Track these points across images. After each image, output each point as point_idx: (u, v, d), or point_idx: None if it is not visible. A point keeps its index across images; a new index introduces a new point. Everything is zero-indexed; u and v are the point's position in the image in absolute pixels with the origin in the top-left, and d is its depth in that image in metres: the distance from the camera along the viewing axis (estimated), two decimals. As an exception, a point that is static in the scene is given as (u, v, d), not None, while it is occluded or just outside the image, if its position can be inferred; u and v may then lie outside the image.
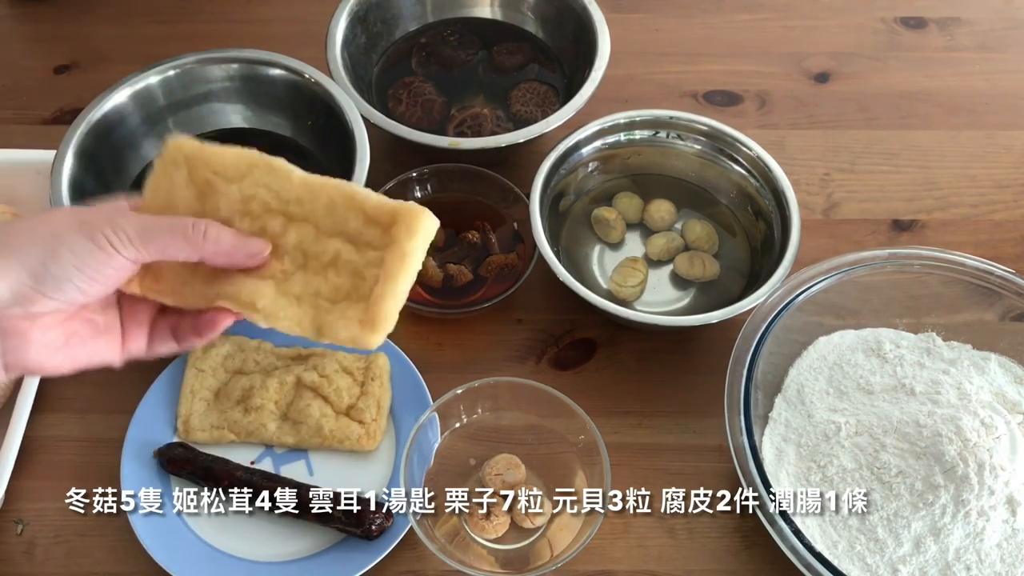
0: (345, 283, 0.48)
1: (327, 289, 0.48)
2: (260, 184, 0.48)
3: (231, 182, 0.48)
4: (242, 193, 0.48)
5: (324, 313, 0.47)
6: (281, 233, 0.48)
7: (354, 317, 0.46)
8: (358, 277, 0.47)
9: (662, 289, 0.80)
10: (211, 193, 0.48)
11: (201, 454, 0.69)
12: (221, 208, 0.48)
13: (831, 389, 0.71)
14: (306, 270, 0.48)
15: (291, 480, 0.68)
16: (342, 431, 0.71)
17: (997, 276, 0.72)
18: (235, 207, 0.48)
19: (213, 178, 0.48)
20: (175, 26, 1.01)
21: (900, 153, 0.91)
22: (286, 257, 0.48)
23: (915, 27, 1.02)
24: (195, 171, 0.48)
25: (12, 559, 0.68)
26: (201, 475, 0.68)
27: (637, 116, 0.83)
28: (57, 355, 0.44)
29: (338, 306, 0.47)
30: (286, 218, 0.48)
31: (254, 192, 0.48)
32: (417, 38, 0.93)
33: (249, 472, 0.68)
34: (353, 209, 0.48)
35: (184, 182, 0.48)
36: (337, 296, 0.48)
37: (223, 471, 0.68)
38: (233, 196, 0.48)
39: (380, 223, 0.47)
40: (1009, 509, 0.63)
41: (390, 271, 0.47)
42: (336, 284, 0.48)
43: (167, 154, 0.49)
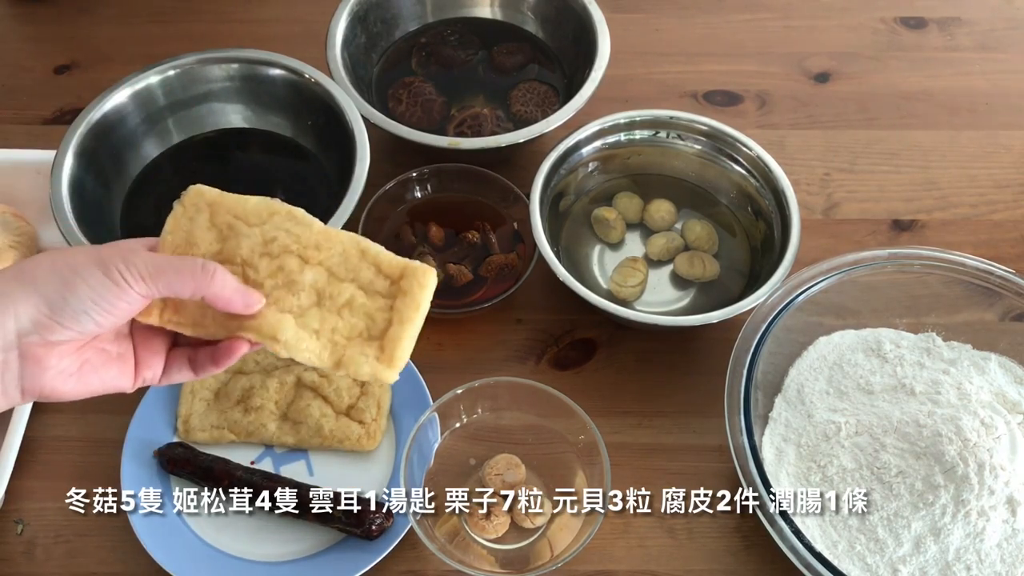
0: (359, 323, 0.52)
1: (344, 327, 0.52)
2: (281, 228, 0.52)
3: (253, 226, 0.52)
4: (263, 236, 0.52)
5: (342, 348, 0.52)
6: (298, 271, 0.52)
7: (371, 354, 0.51)
8: (370, 319, 0.52)
9: (662, 289, 0.80)
10: (233, 236, 0.52)
11: (201, 454, 0.69)
12: (243, 248, 0.52)
13: (831, 389, 0.71)
14: (321, 308, 0.52)
15: (291, 480, 0.68)
16: (342, 431, 0.71)
17: (997, 276, 0.72)
18: (256, 248, 0.52)
19: (235, 222, 0.52)
20: (175, 26, 1.01)
21: (900, 153, 0.91)
22: (302, 293, 0.52)
23: (915, 27, 1.02)
24: (216, 215, 0.52)
25: (12, 559, 0.68)
26: (201, 475, 0.68)
27: (637, 116, 0.83)
28: (70, 381, 0.46)
29: (354, 342, 0.51)
30: (303, 260, 0.52)
31: (275, 235, 0.52)
32: (417, 38, 0.93)
33: (249, 472, 0.68)
34: (366, 261, 0.52)
35: (206, 224, 0.52)
36: (353, 333, 0.52)
37: (223, 471, 0.68)
38: (255, 238, 0.52)
39: (390, 276, 0.52)
40: (1009, 509, 0.63)
41: (405, 316, 0.51)
42: (351, 323, 0.52)
43: (187, 199, 0.52)
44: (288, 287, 0.51)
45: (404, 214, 0.82)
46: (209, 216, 0.52)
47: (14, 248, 0.78)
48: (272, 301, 0.51)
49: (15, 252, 0.78)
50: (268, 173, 0.84)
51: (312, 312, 0.52)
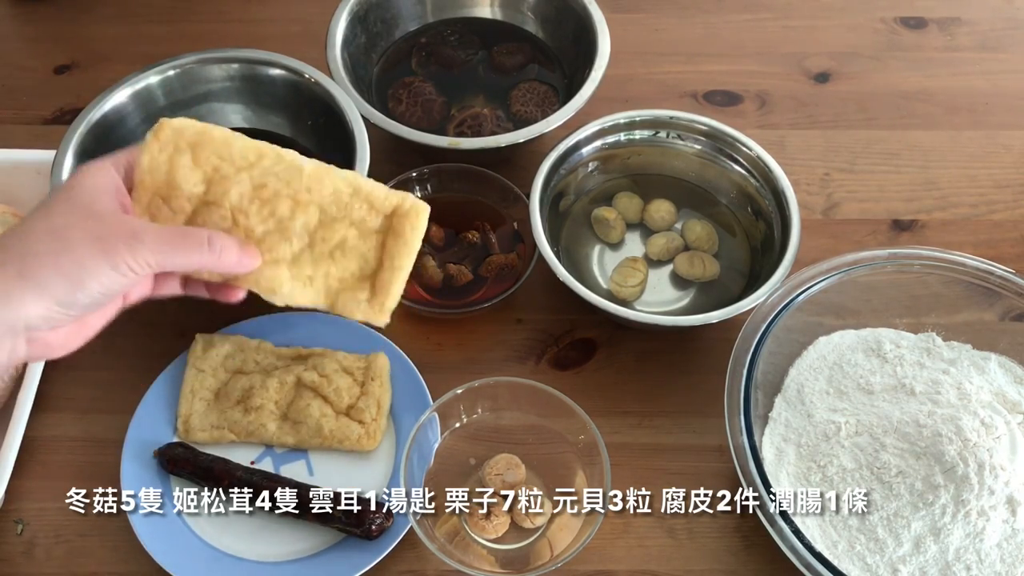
0: (352, 264, 0.53)
1: (336, 269, 0.53)
2: (271, 173, 0.51)
3: (241, 170, 0.50)
4: (253, 182, 0.51)
5: (335, 292, 0.53)
6: (289, 216, 0.51)
7: (363, 298, 0.52)
8: (363, 259, 0.53)
9: (662, 289, 0.80)
10: (219, 179, 0.51)
11: (201, 454, 0.69)
12: (232, 194, 0.51)
13: (831, 389, 0.71)
14: (313, 250, 0.52)
15: (291, 480, 0.68)
16: (342, 431, 0.71)
17: (997, 276, 0.72)
18: (245, 193, 0.51)
19: (221, 164, 0.50)
20: (175, 26, 1.01)
21: (900, 153, 0.91)
22: (295, 238, 0.52)
23: (915, 27, 1.02)
24: (200, 156, 0.50)
25: (12, 559, 0.68)
26: (201, 475, 0.68)
27: (637, 116, 0.83)
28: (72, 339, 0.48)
29: (347, 285, 0.53)
30: (295, 202, 0.51)
31: (265, 181, 0.51)
32: (417, 38, 0.93)
33: (249, 472, 0.68)
34: (358, 198, 0.52)
35: (189, 165, 0.50)
36: (345, 274, 0.53)
37: (223, 471, 0.68)
38: (244, 184, 0.50)
39: (383, 212, 0.53)
40: (1009, 509, 0.63)
41: (396, 262, 0.52)
42: (344, 265, 0.53)
43: (163, 135, 0.50)
44: (280, 232, 0.51)
45: (404, 214, 0.82)
46: (191, 157, 0.50)
47: (14, 248, 0.78)
48: (266, 248, 0.51)
49: (15, 252, 0.78)
50: (268, 173, 0.84)
51: (305, 256, 0.52)
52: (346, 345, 0.74)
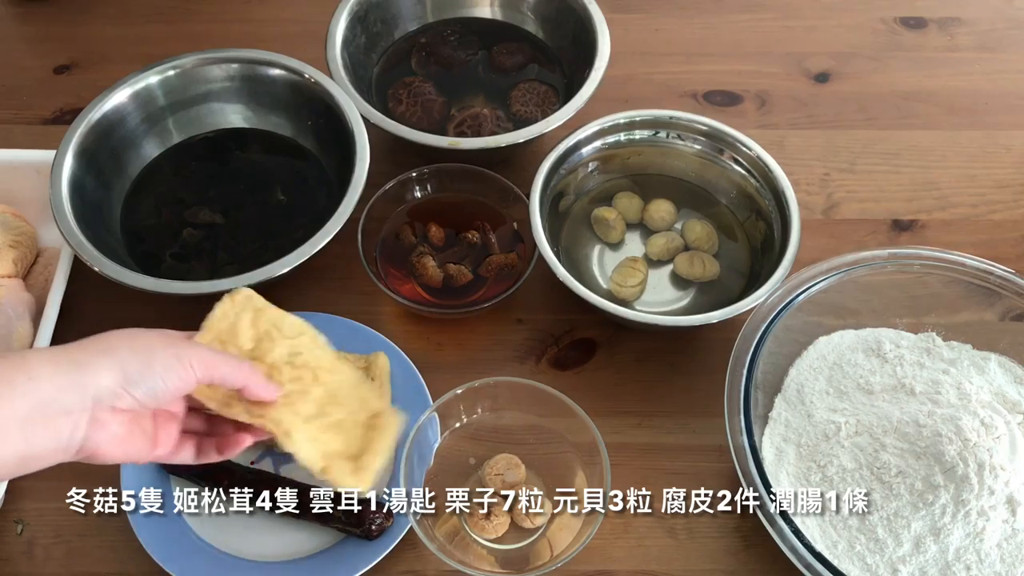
0: (342, 443, 0.62)
1: (333, 443, 0.62)
2: (305, 347, 0.63)
3: (285, 339, 0.63)
4: (291, 348, 0.63)
5: (330, 459, 0.62)
6: (310, 384, 0.62)
7: (348, 471, 0.61)
8: (350, 442, 0.62)
9: (662, 289, 0.80)
10: (267, 340, 0.63)
11: None
12: (275, 352, 0.62)
13: (831, 389, 0.71)
14: (321, 419, 0.62)
15: (291, 480, 0.68)
16: (342, 431, 0.71)
17: (997, 276, 0.72)
18: (283, 356, 0.62)
19: (272, 330, 0.63)
20: (175, 26, 1.01)
21: (900, 153, 0.91)
22: (311, 403, 0.62)
23: (915, 27, 1.02)
24: (259, 320, 0.63)
25: (12, 559, 0.68)
26: (200, 475, 0.68)
27: (637, 116, 0.83)
28: (115, 445, 0.51)
29: (339, 457, 0.62)
30: (315, 378, 0.62)
31: (300, 351, 0.63)
32: (417, 38, 0.93)
33: (249, 472, 0.68)
34: (358, 394, 0.63)
35: (249, 323, 0.62)
36: (339, 449, 0.62)
37: (223, 471, 0.68)
38: (284, 348, 0.62)
39: (371, 412, 0.63)
40: (1009, 509, 0.63)
41: (376, 448, 0.62)
42: (338, 440, 0.62)
43: (238, 298, 0.63)
44: (301, 394, 0.61)
45: (404, 214, 0.82)
46: (252, 318, 0.63)
47: (14, 248, 0.78)
48: (289, 402, 0.61)
49: (15, 251, 0.78)
50: (268, 173, 0.84)
51: (315, 421, 0.62)
52: (347, 345, 0.74)
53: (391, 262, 0.79)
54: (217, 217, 0.81)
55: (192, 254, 0.79)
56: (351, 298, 0.79)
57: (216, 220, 0.81)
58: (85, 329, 0.77)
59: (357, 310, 0.77)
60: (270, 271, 0.71)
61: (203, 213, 0.81)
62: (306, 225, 0.76)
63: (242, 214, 0.81)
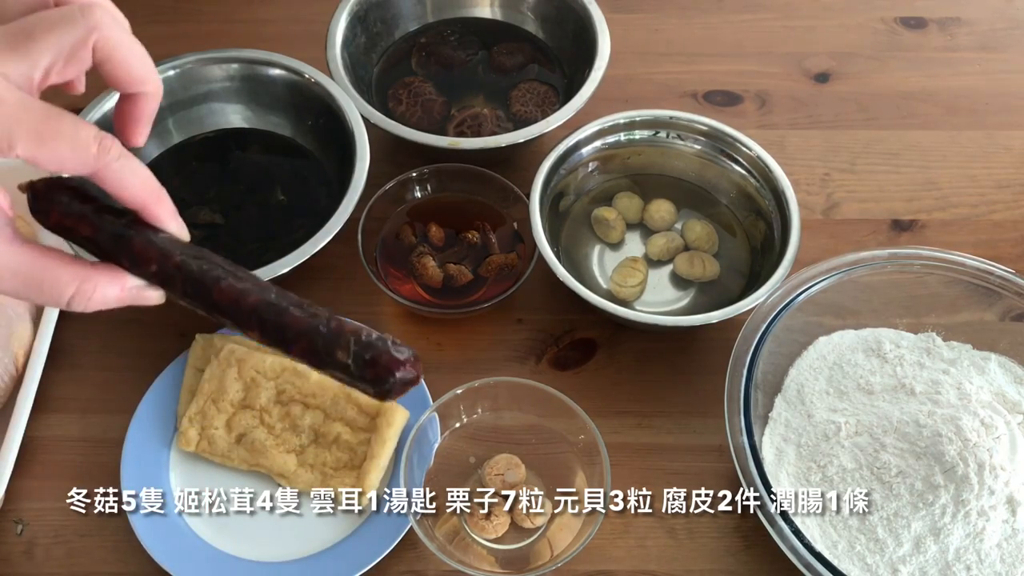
0: (344, 456, 0.68)
1: (332, 459, 0.68)
2: (288, 381, 0.70)
3: (269, 379, 0.70)
4: (276, 388, 0.70)
5: (329, 478, 0.68)
6: (300, 416, 0.69)
7: (349, 482, 0.67)
8: (352, 452, 0.68)
9: (662, 289, 0.80)
10: (255, 386, 0.69)
11: (110, 207, 0.43)
12: (262, 397, 0.69)
13: (831, 389, 0.71)
14: (317, 444, 0.69)
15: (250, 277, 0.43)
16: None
17: (997, 276, 0.72)
18: (271, 398, 0.70)
19: (256, 376, 0.70)
20: (175, 26, 1.01)
21: (900, 153, 0.91)
22: (303, 434, 0.69)
23: (915, 27, 1.02)
24: (243, 370, 0.70)
25: (12, 559, 0.68)
26: (107, 245, 0.43)
27: (637, 116, 0.83)
28: None
29: (339, 472, 0.68)
30: (304, 405, 0.69)
31: (284, 387, 0.70)
32: (417, 38, 0.93)
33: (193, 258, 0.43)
34: (351, 402, 0.69)
35: (235, 376, 0.70)
36: (338, 465, 0.68)
37: (146, 246, 0.42)
38: (271, 390, 0.70)
39: (368, 413, 0.69)
40: (1009, 509, 0.63)
41: (375, 452, 0.67)
42: (338, 456, 0.68)
43: (223, 356, 0.70)
44: (293, 429, 0.69)
45: (404, 214, 0.82)
46: (238, 370, 0.70)
47: (14, 248, 0.78)
48: (281, 442, 0.69)
49: (15, 252, 0.78)
50: (268, 173, 0.84)
51: (310, 450, 0.69)
52: (346, 345, 0.74)
53: (391, 262, 0.79)
54: (217, 217, 0.81)
55: (192, 254, 0.79)
56: (351, 298, 0.79)
57: (216, 220, 0.81)
58: (86, 329, 0.78)
59: (357, 310, 0.77)
60: (270, 271, 0.71)
61: (203, 213, 0.81)
62: (306, 225, 0.76)
63: (242, 214, 0.81)
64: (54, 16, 0.39)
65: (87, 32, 0.39)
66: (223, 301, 0.42)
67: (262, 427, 0.70)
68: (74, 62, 0.39)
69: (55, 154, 0.38)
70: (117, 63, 0.42)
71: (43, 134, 0.38)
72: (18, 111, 0.37)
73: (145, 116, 0.45)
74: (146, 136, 0.45)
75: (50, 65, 0.39)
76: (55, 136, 0.38)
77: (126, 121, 0.44)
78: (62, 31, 0.38)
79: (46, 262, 0.41)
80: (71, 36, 0.39)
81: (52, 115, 0.38)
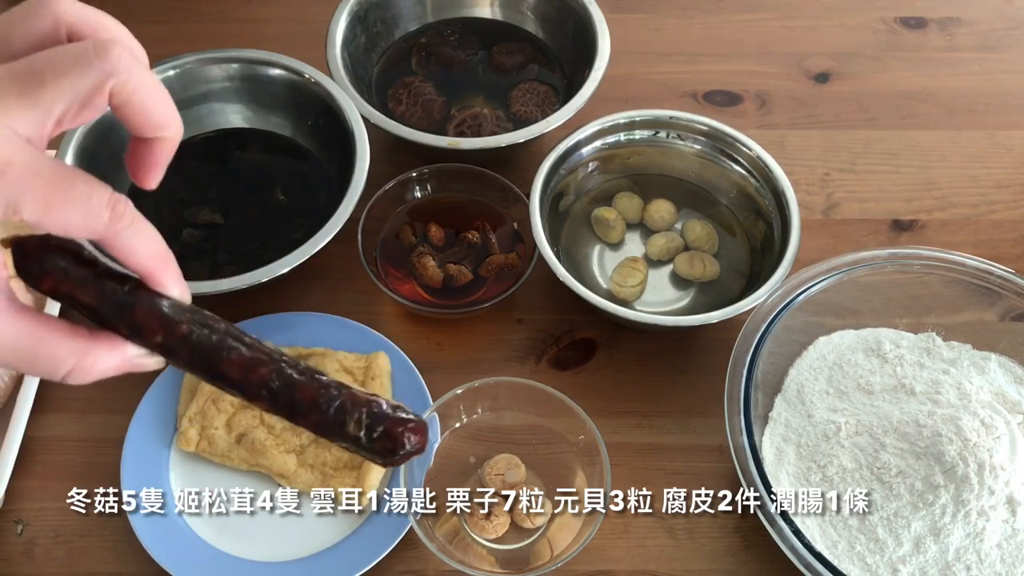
0: (344, 456, 0.68)
1: (331, 459, 0.68)
2: None
3: None
4: None
5: (329, 478, 0.68)
6: None
7: (349, 482, 0.67)
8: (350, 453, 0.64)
9: (662, 289, 0.80)
10: None
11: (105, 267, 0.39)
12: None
13: (831, 389, 0.71)
14: (317, 444, 0.68)
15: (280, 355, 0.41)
16: (342, 431, 0.72)
17: (997, 276, 0.72)
18: None
19: None
20: (175, 26, 1.01)
21: (900, 153, 0.91)
22: (303, 434, 0.68)
23: (915, 27, 1.02)
24: None
25: (12, 559, 0.68)
26: (107, 313, 0.39)
27: (637, 116, 0.83)
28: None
29: (339, 472, 0.68)
30: None
31: None
32: (417, 38, 0.93)
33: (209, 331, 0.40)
34: None
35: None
36: (338, 465, 0.68)
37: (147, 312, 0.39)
38: None
39: None
40: (1009, 509, 0.63)
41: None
42: (337, 456, 0.68)
43: None
44: (293, 429, 0.68)
45: (404, 214, 0.82)
46: None
47: (14, 248, 0.78)
48: (281, 442, 0.68)
49: (15, 252, 0.78)
50: (268, 173, 0.84)
51: (310, 449, 0.68)
52: (346, 345, 0.74)
53: (391, 262, 0.79)
54: (217, 217, 0.81)
55: (192, 254, 0.79)
56: (351, 298, 0.79)
57: (216, 220, 0.81)
58: (85, 329, 0.78)
59: (357, 310, 0.77)
60: (270, 271, 0.71)
61: (203, 213, 0.81)
62: (306, 225, 0.76)
63: (242, 214, 0.81)
64: (67, 58, 0.35)
65: (104, 77, 0.36)
66: (232, 373, 0.40)
67: (262, 427, 0.70)
68: (88, 110, 0.36)
69: (63, 221, 0.35)
70: (135, 109, 0.38)
71: (52, 200, 0.34)
72: (27, 175, 0.33)
73: (162, 161, 0.42)
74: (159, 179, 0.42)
75: (62, 114, 0.35)
76: (65, 202, 0.34)
77: (139, 165, 0.42)
78: (76, 76, 0.35)
79: (43, 335, 0.37)
80: (86, 82, 0.35)
81: (63, 178, 0.34)
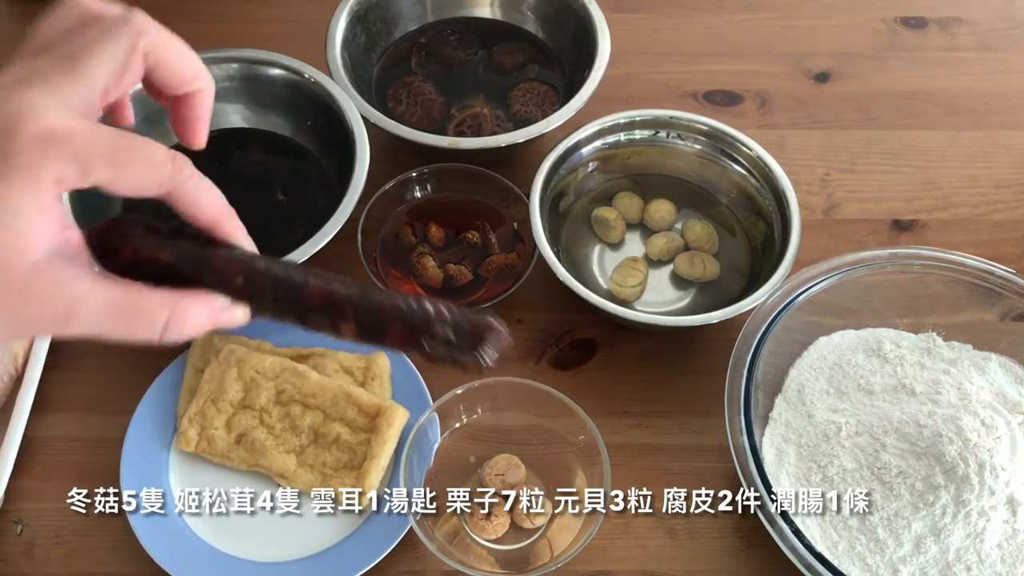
0: (344, 456, 0.68)
1: (331, 459, 0.69)
2: (288, 382, 0.70)
3: (269, 380, 0.70)
4: (276, 388, 0.70)
5: (328, 478, 0.68)
6: (300, 416, 0.69)
7: (349, 483, 0.67)
8: (352, 452, 0.68)
9: (662, 289, 0.80)
10: (254, 387, 0.70)
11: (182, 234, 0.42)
12: (262, 398, 0.69)
13: (831, 389, 0.71)
14: (317, 445, 0.69)
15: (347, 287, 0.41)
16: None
17: (997, 276, 0.72)
18: (271, 398, 0.70)
19: (256, 376, 0.70)
20: (175, 26, 0.99)
21: (900, 153, 0.91)
22: (303, 435, 0.69)
23: (915, 27, 1.02)
24: (243, 370, 0.70)
25: (12, 559, 0.68)
26: (188, 269, 0.40)
27: (637, 116, 0.83)
28: None
29: (339, 473, 0.68)
30: (304, 406, 0.69)
31: (284, 387, 0.70)
32: (417, 38, 0.93)
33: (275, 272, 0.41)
34: (351, 403, 0.69)
35: (235, 376, 0.70)
36: (339, 465, 0.68)
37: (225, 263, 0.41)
38: (271, 390, 0.70)
39: (368, 414, 0.69)
40: (1009, 509, 0.63)
41: (375, 452, 0.67)
42: (338, 456, 0.68)
43: (222, 356, 0.71)
44: (293, 430, 0.69)
45: (404, 214, 0.82)
46: (238, 370, 0.70)
47: (14, 248, 0.78)
48: (281, 442, 0.69)
49: (15, 252, 0.78)
50: (268, 173, 0.84)
51: (310, 450, 0.69)
52: (346, 345, 0.74)
53: (391, 262, 0.79)
54: (217, 217, 0.81)
55: (192, 254, 0.79)
56: (351, 298, 0.79)
57: (216, 220, 0.81)
58: (85, 329, 0.77)
59: (357, 310, 0.77)
60: (270, 271, 0.71)
61: (203, 213, 0.81)
62: (306, 225, 0.76)
63: (242, 214, 0.81)
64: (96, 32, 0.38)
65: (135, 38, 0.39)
66: (314, 300, 0.40)
67: (262, 427, 0.70)
68: (128, 73, 0.39)
69: (132, 177, 0.37)
70: (168, 65, 0.42)
71: (118, 159, 0.36)
72: (91, 140, 0.36)
73: (204, 114, 0.43)
74: (207, 135, 0.44)
75: (107, 83, 0.38)
76: (130, 159, 0.37)
77: (185, 124, 0.43)
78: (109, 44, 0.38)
79: (135, 293, 0.39)
80: (120, 47, 0.38)
81: (123, 138, 0.37)
